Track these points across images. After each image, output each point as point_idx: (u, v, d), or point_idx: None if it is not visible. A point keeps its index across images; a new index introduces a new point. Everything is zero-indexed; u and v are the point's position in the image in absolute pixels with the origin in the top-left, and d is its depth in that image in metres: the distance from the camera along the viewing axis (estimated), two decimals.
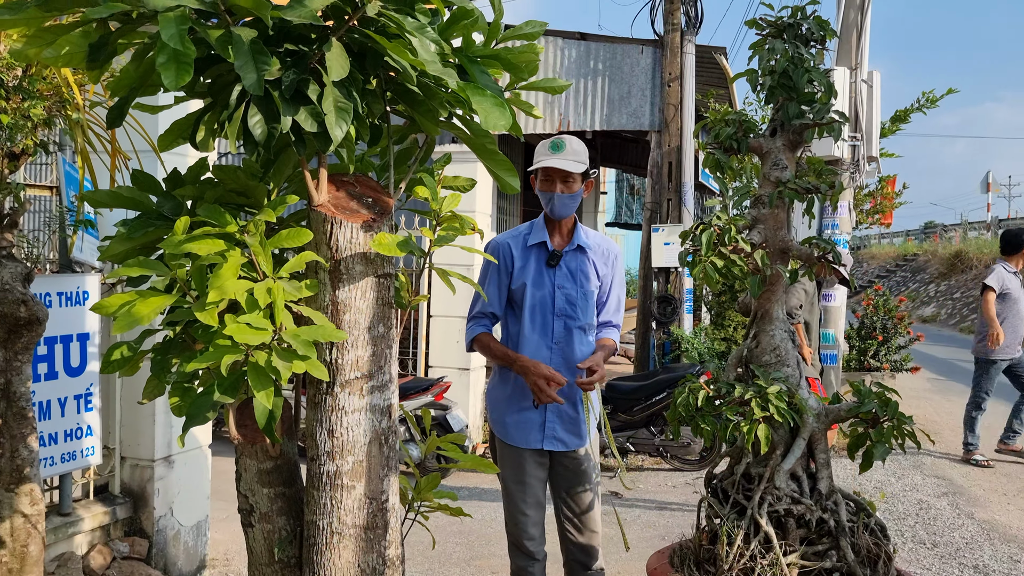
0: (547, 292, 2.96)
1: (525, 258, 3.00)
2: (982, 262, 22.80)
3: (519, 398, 2.98)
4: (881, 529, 2.38)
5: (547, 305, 2.95)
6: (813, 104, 2.35)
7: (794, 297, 5.54)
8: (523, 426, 2.98)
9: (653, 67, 8.17)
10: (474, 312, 3.10)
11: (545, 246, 2.99)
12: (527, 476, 2.97)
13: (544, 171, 2.93)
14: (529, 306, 2.96)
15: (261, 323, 1.84)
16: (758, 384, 2.30)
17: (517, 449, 2.99)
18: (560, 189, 2.90)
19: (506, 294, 3.05)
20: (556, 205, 2.92)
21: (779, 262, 2.36)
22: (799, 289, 5.60)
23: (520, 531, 2.99)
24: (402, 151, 2.44)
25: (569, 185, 2.90)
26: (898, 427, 2.29)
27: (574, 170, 2.88)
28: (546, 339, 2.95)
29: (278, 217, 2.43)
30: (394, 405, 2.20)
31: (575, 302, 2.94)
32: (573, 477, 3.00)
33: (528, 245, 3.01)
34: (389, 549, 2.21)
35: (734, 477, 2.44)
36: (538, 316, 2.96)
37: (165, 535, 4.12)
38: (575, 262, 2.98)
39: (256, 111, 1.76)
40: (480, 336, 3.02)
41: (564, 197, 2.90)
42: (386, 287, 2.15)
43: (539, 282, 2.97)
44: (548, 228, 3.02)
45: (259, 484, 2.26)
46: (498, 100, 2.02)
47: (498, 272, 3.03)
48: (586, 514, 3.01)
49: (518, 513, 2.99)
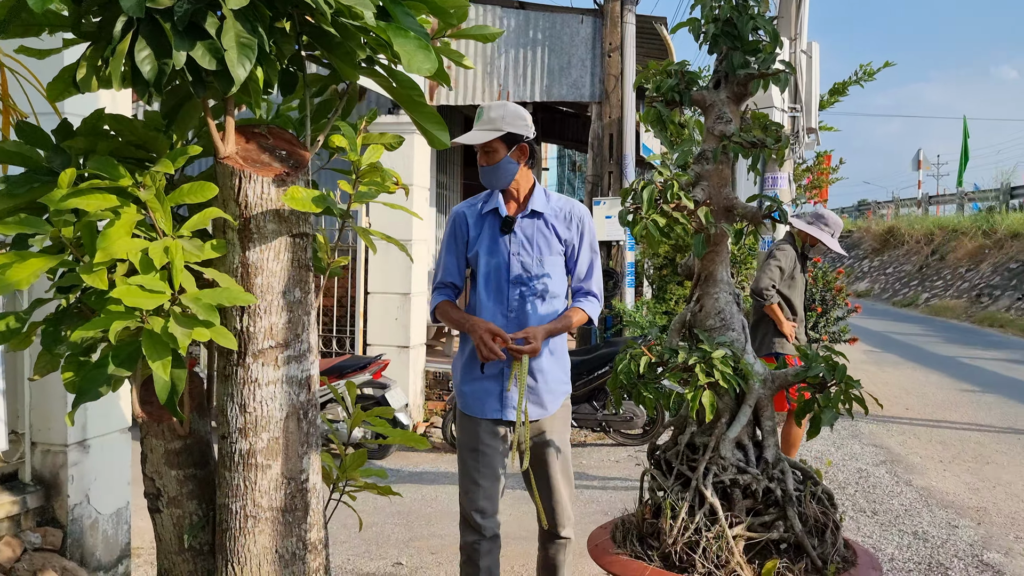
0: (502, 260, 2.90)
1: (479, 226, 2.95)
2: (913, 238, 23.39)
3: (475, 366, 2.92)
4: (829, 498, 2.30)
5: (502, 273, 2.90)
6: (758, 54, 2.23)
7: (765, 277, 5.40)
8: (480, 395, 2.93)
9: (593, 37, 8.04)
10: (436, 283, 3.06)
11: (498, 212, 2.93)
12: (481, 444, 2.90)
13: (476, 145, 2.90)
14: (484, 274, 2.92)
15: (156, 285, 1.65)
16: (702, 349, 2.18)
17: (473, 418, 2.93)
18: (482, 161, 2.87)
19: (464, 263, 3.01)
20: (482, 177, 2.89)
21: (723, 220, 2.24)
22: (772, 267, 5.44)
23: (469, 502, 2.90)
24: (323, 103, 2.25)
25: (489, 156, 2.85)
26: (846, 392, 2.21)
27: (480, 140, 2.82)
28: (501, 307, 2.91)
29: (186, 174, 2.23)
30: (314, 377, 2.03)
31: (530, 268, 2.88)
32: (537, 448, 2.95)
33: (483, 213, 2.95)
34: (310, 532, 2.04)
35: (678, 447, 2.33)
36: (492, 283, 2.91)
37: (81, 524, 3.87)
38: (531, 228, 2.91)
39: (145, 45, 1.56)
40: (441, 304, 3.00)
41: (487, 169, 2.87)
42: (302, 248, 1.97)
43: (493, 249, 2.92)
44: (504, 195, 2.95)
45: (167, 466, 2.07)
46: (423, 43, 1.85)
47: (455, 241, 2.99)
48: (553, 484, 2.97)
49: (470, 483, 2.91)
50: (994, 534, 4.40)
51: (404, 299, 7.90)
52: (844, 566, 2.17)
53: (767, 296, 5.37)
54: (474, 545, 2.90)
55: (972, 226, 20.80)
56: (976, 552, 4.11)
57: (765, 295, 5.37)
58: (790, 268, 5.52)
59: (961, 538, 4.32)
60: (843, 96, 9.44)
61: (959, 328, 15.52)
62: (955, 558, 4.03)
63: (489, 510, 2.89)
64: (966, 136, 27.00)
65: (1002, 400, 8.35)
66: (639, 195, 2.14)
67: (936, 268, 21.17)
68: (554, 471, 2.97)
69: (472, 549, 2.91)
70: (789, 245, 5.60)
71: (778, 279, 5.45)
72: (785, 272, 5.49)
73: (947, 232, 21.89)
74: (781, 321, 5.40)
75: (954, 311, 17.38)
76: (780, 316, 5.41)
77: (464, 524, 2.95)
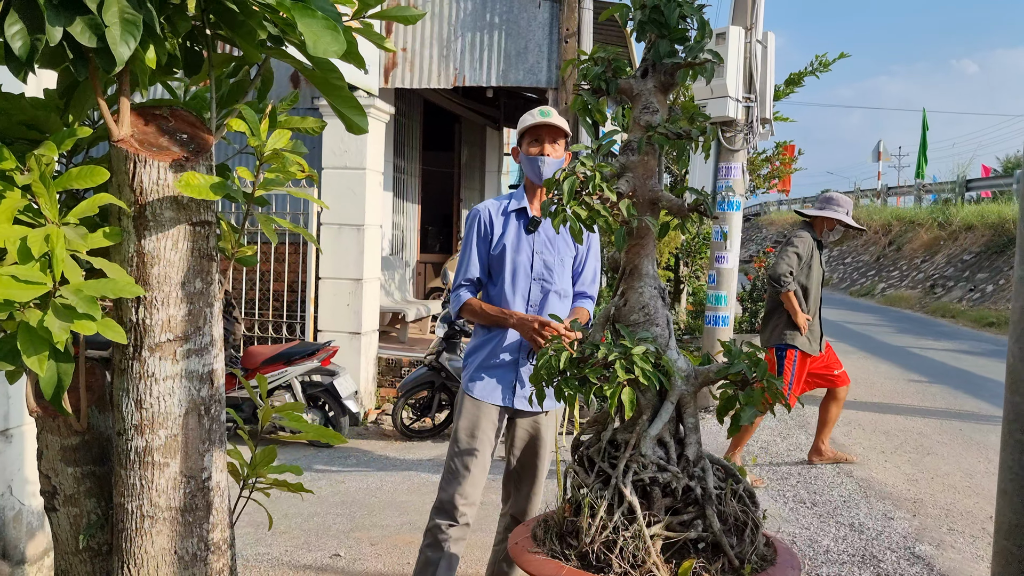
0: (526, 256, 3.07)
1: (505, 224, 3.09)
2: (872, 228, 23.69)
3: (496, 355, 3.06)
4: (750, 496, 2.27)
5: (526, 269, 3.07)
6: (686, 43, 2.17)
7: (783, 263, 5.34)
8: (493, 383, 3.06)
9: (551, 22, 7.95)
10: (459, 280, 3.15)
11: (525, 212, 3.10)
12: (480, 432, 3.02)
13: (534, 134, 3.04)
14: (510, 270, 3.06)
15: (33, 275, 1.55)
16: (623, 345, 2.13)
17: (478, 402, 3.04)
18: (548, 152, 3.03)
19: (487, 260, 3.13)
20: (545, 167, 3.01)
21: (648, 213, 2.19)
22: (790, 253, 5.39)
23: (455, 484, 2.97)
24: (236, 85, 2.15)
25: (556, 149, 3.04)
26: (768, 388, 2.18)
27: (565, 127, 3.04)
28: (523, 301, 3.07)
29: (86, 159, 2.13)
30: (217, 371, 1.94)
31: (552, 267, 3.07)
32: (531, 441, 3.11)
33: (508, 211, 3.11)
34: (213, 532, 1.96)
35: (600, 444, 2.28)
36: (516, 279, 3.06)
37: (3, 516, 3.75)
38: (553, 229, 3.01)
39: (17, 19, 1.46)
40: (469, 302, 3.11)
41: (552, 160, 3.03)
42: (203, 236, 1.88)
43: (518, 247, 3.07)
44: (529, 196, 3.13)
45: (63, 463, 1.98)
46: (330, 23, 1.76)
47: (480, 238, 3.12)
48: (533, 479, 3.13)
49: (460, 466, 2.99)
50: (928, 526, 4.45)
51: (356, 285, 7.79)
52: (762, 565, 2.15)
53: (785, 282, 5.30)
54: (444, 529, 2.95)
55: (928, 218, 21.13)
56: (909, 544, 4.15)
57: (783, 281, 5.30)
58: (807, 255, 5.45)
59: (895, 530, 4.36)
60: (799, 87, 9.48)
61: (912, 318, 15.77)
62: (888, 550, 4.07)
63: (473, 497, 2.99)
64: (925, 129, 27.38)
65: (947, 391, 8.48)
66: (560, 186, 2.08)
67: (893, 259, 21.48)
68: (543, 464, 3.14)
69: (441, 533, 2.95)
70: (807, 232, 5.56)
71: (795, 265, 5.38)
72: (803, 259, 5.43)
73: (904, 223, 22.23)
74: (796, 311, 5.32)
75: (908, 301, 17.66)
76: (796, 305, 5.34)
77: (440, 507, 2.99)
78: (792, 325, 5.37)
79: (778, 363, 5.44)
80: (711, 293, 7.32)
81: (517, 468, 3.15)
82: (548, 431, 3.13)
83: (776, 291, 5.38)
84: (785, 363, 5.41)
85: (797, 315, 5.33)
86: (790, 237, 5.61)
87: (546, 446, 3.14)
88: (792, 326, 5.37)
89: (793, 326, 5.37)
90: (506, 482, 3.22)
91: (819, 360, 5.52)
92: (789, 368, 5.40)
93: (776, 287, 5.35)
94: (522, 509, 3.15)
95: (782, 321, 5.42)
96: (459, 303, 3.11)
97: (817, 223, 5.59)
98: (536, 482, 3.15)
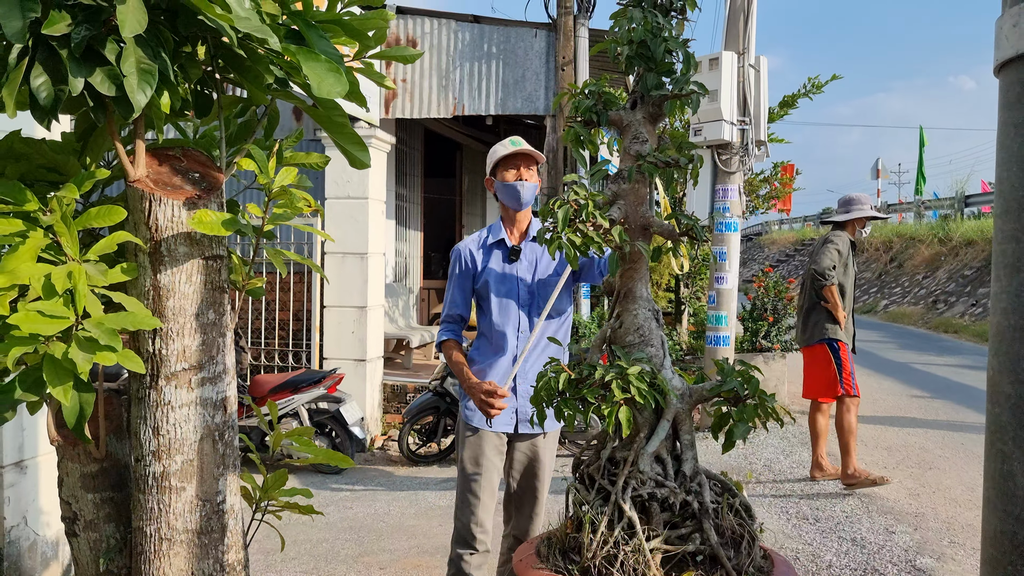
0: (511, 286, 3.13)
1: (486, 258, 3.17)
2: (873, 246, 23.78)
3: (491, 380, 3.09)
4: (746, 509, 2.34)
5: (512, 297, 3.13)
6: (672, 75, 2.28)
7: (825, 258, 5.42)
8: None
9: (547, 51, 8.11)
10: (444, 316, 3.23)
11: (504, 243, 3.17)
12: (485, 459, 3.07)
13: (510, 163, 3.12)
14: (496, 301, 3.13)
15: (58, 310, 1.64)
16: (619, 365, 2.22)
17: (479, 431, 3.09)
18: (526, 177, 3.13)
19: (471, 296, 3.23)
20: (524, 193, 3.12)
21: (640, 239, 2.28)
22: (831, 249, 5.47)
23: (469, 515, 3.04)
24: (244, 125, 2.26)
25: (532, 174, 3.15)
26: (761, 405, 2.25)
27: (538, 154, 3.16)
28: (515, 331, 3.13)
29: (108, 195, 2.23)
30: (230, 398, 2.03)
31: (536, 291, 3.13)
32: (529, 461, 3.17)
33: (488, 244, 3.19)
34: (228, 554, 2.04)
35: (600, 462, 2.36)
36: (504, 309, 3.13)
37: (19, 546, 3.82)
38: (533, 254, 3.17)
39: (41, 71, 1.56)
40: (447, 343, 3.19)
41: (529, 185, 3.12)
42: (216, 270, 1.97)
43: (502, 278, 3.14)
44: (507, 227, 3.20)
45: (83, 489, 2.06)
46: (332, 65, 1.87)
47: (462, 276, 3.20)
48: (534, 500, 3.18)
49: (471, 496, 3.05)
50: (929, 539, 4.49)
51: (360, 312, 7.88)
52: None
53: (829, 276, 5.38)
54: (466, 558, 3.03)
55: (929, 234, 21.22)
56: (910, 557, 4.20)
57: (827, 275, 5.38)
58: (846, 254, 5.55)
59: (897, 544, 4.41)
60: (793, 108, 9.61)
61: (915, 334, 15.80)
62: (890, 563, 4.11)
63: (487, 524, 3.06)
64: (922, 146, 27.53)
65: (950, 405, 8.52)
66: (555, 214, 2.18)
67: (895, 275, 21.54)
68: (543, 485, 3.19)
69: (463, 562, 3.03)
70: (843, 232, 5.65)
71: (837, 260, 5.47)
72: (842, 255, 5.51)
73: (905, 240, 22.30)
74: (837, 305, 5.39)
75: (911, 317, 17.70)
76: (837, 300, 5.41)
77: (458, 537, 3.07)
78: (832, 320, 5.44)
79: (834, 356, 5.48)
80: (711, 313, 7.39)
81: (518, 491, 3.20)
82: (547, 453, 3.19)
83: (817, 287, 5.44)
84: (841, 355, 5.46)
85: (838, 310, 5.40)
86: (828, 236, 5.69)
87: (545, 468, 3.19)
88: (833, 321, 5.44)
89: (834, 321, 5.43)
90: (507, 504, 3.27)
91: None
92: (845, 359, 5.45)
93: (821, 281, 5.41)
94: (524, 530, 3.20)
95: (822, 317, 5.49)
96: (441, 339, 3.21)
97: (849, 226, 5.69)
98: (537, 503, 3.20)
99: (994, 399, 1.96)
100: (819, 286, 5.46)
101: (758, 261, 33.21)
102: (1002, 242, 2.01)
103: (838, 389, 5.47)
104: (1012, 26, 1.90)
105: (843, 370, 5.44)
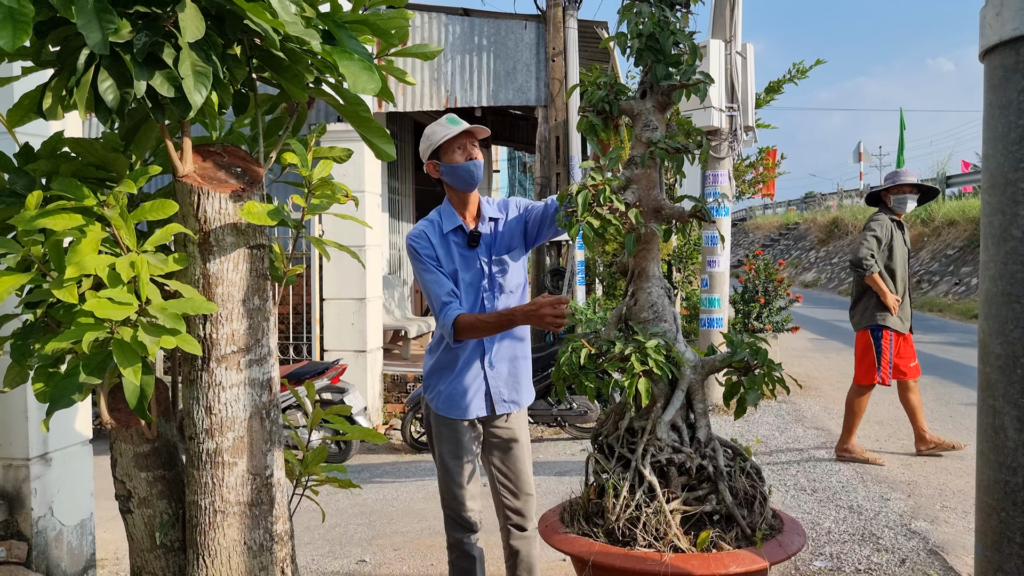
0: (475, 272, 3.01)
1: (446, 246, 3.01)
2: (857, 228, 24.06)
3: (450, 366, 3.02)
4: (756, 472, 2.50)
5: (478, 283, 3.01)
6: (680, 66, 2.42)
7: (863, 248, 5.42)
8: (461, 395, 3.01)
9: (537, 42, 8.23)
10: (438, 299, 2.94)
11: (462, 229, 3.02)
12: (463, 450, 3.01)
13: (455, 143, 2.95)
14: (463, 288, 3.00)
15: (124, 298, 1.77)
16: (637, 340, 2.36)
17: (452, 421, 3.02)
18: (475, 156, 2.97)
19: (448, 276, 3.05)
20: (477, 173, 2.97)
21: (653, 220, 2.43)
22: (868, 237, 5.46)
23: (457, 504, 3.01)
24: (274, 121, 2.38)
25: (478, 151, 2.99)
26: (768, 374, 2.41)
27: (478, 134, 2.97)
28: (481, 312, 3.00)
29: (148, 191, 2.35)
30: (274, 378, 2.16)
31: (495, 275, 3.02)
32: (506, 443, 3.07)
33: (444, 233, 3.02)
34: (276, 524, 2.17)
35: (619, 432, 2.51)
36: (469, 294, 3.01)
37: (46, 536, 3.93)
38: (490, 236, 3.05)
39: (107, 76, 1.68)
40: (461, 318, 2.87)
41: (477, 164, 2.97)
42: (259, 258, 2.10)
43: (466, 265, 3.01)
44: (459, 211, 3.04)
45: (136, 468, 2.19)
46: (366, 64, 1.99)
47: (431, 259, 2.99)
48: (520, 478, 3.09)
49: (455, 487, 3.00)
50: (922, 504, 4.68)
51: (360, 304, 8.00)
52: (771, 532, 2.37)
53: (867, 266, 5.38)
54: (465, 540, 3.02)
55: (911, 215, 21.50)
56: (905, 522, 4.39)
57: (865, 265, 5.38)
58: (887, 238, 5.52)
59: (892, 509, 4.59)
60: (779, 94, 9.79)
61: None
62: (886, 528, 4.30)
63: (476, 507, 3.02)
64: (902, 128, 27.82)
65: (937, 380, 8.73)
66: (574, 199, 2.31)
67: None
68: (527, 461, 3.10)
69: (462, 544, 3.02)
70: (883, 215, 5.61)
71: (876, 248, 5.44)
72: (882, 241, 5.49)
73: None
74: (884, 292, 5.39)
75: None
76: (883, 287, 5.40)
77: (452, 523, 3.04)
78: (882, 306, 5.46)
79: (875, 343, 5.53)
80: (704, 296, 7.56)
81: (505, 476, 3.10)
82: (522, 431, 3.11)
83: (861, 275, 5.48)
84: (882, 343, 5.50)
85: (886, 296, 5.41)
86: (868, 222, 5.68)
87: (523, 445, 3.11)
88: (882, 307, 5.46)
89: (883, 307, 5.46)
90: (496, 497, 3.14)
91: (905, 346, 5.63)
92: (886, 347, 5.49)
93: (859, 272, 5.45)
94: (523, 512, 3.10)
95: (872, 303, 5.51)
96: (451, 319, 2.87)
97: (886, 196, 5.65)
98: (527, 481, 3.10)
99: (985, 359, 2.12)
100: (859, 276, 5.51)
101: (743, 246, 33.50)
102: (989, 215, 2.16)
103: (875, 376, 5.55)
104: (995, 15, 2.05)
105: (881, 358, 5.50)
